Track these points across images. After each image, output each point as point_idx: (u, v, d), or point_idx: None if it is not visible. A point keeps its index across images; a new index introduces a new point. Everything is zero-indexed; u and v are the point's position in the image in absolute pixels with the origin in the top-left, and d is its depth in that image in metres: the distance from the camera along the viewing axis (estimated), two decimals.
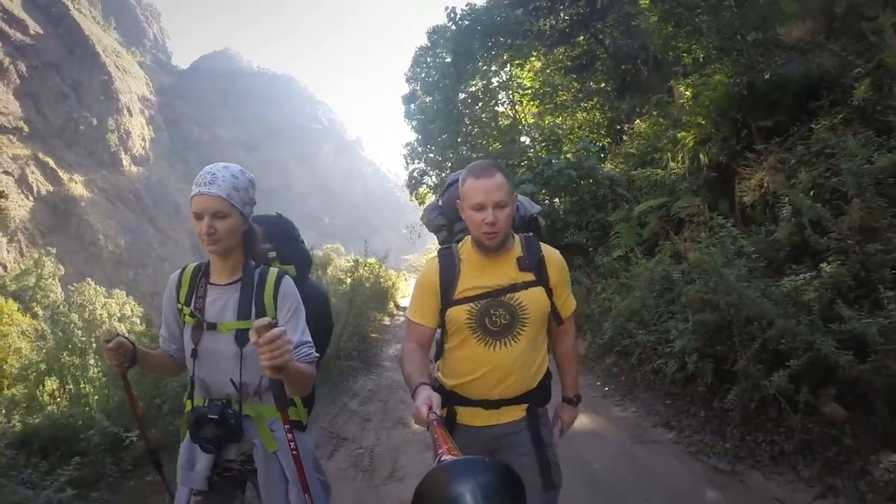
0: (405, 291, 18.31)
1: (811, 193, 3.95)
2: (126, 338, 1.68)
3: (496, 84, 14.29)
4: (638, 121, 8.80)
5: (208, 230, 1.63)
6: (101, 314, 39.03)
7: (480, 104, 14.41)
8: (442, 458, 1.02)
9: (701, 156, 5.71)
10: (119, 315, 39.60)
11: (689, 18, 6.39)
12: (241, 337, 1.70)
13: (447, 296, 1.75)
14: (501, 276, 1.73)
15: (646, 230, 6.15)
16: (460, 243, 1.82)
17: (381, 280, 13.46)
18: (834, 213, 3.52)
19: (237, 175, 1.70)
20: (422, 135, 17.45)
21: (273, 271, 1.79)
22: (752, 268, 3.67)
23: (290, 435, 1.60)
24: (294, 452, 1.60)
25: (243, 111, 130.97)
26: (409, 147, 18.48)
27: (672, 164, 6.28)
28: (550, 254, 1.81)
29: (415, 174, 18.32)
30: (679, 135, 6.22)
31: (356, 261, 13.18)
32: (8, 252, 50.63)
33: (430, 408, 1.35)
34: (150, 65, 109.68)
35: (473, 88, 14.49)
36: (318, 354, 1.75)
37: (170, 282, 1.83)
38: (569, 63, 13.60)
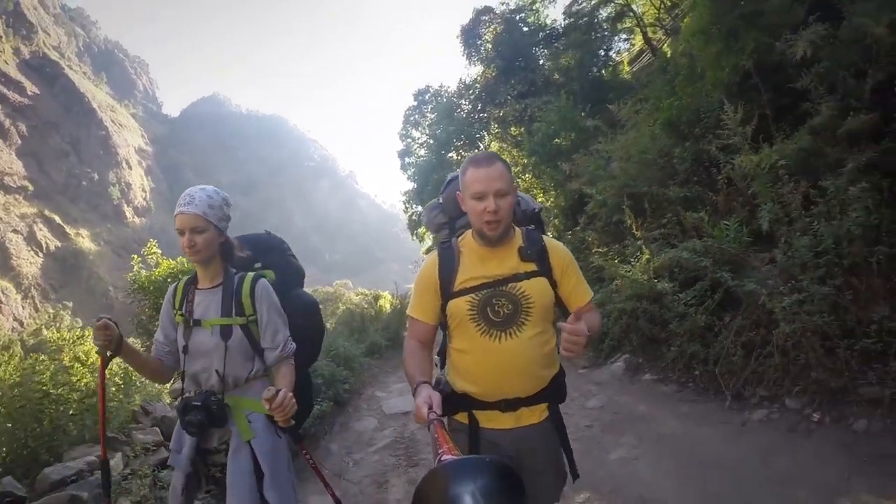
0: None
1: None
2: (115, 325, 1.95)
3: None
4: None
5: (189, 243, 2.00)
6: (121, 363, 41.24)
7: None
8: (442, 458, 1.10)
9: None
10: None
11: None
12: (225, 331, 2.04)
13: (447, 289, 1.79)
14: (503, 266, 1.77)
15: None
16: (460, 237, 1.89)
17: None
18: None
19: (212, 195, 2.06)
20: (417, 184, 20.00)
21: (249, 275, 2.14)
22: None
23: (305, 451, 2.07)
24: (311, 463, 1.99)
25: (237, 154, 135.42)
26: (407, 195, 21.40)
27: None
28: (553, 244, 1.87)
29: (413, 217, 21.01)
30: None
31: (375, 296, 18.75)
32: (23, 308, 53.09)
33: (430, 407, 1.44)
34: (142, 116, 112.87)
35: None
36: (294, 345, 2.14)
37: (167, 293, 2.21)
38: (519, 138, 15.70)
